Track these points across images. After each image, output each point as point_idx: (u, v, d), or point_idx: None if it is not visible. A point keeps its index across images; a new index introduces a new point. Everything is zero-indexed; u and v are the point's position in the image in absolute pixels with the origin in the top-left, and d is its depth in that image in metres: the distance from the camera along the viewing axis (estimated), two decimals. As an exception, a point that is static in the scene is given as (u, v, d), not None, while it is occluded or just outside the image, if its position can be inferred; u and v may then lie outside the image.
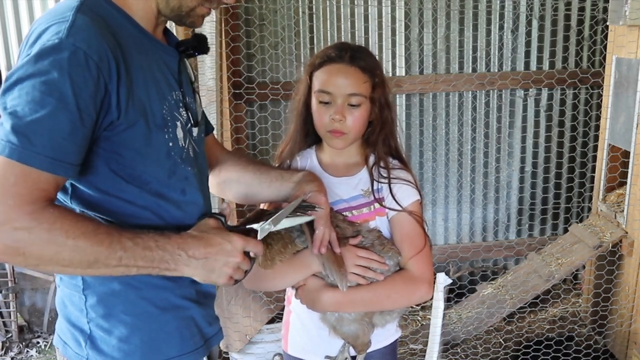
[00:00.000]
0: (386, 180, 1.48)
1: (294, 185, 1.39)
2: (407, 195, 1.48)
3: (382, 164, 1.50)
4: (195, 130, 1.25)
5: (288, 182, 1.41)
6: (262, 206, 1.55)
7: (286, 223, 1.24)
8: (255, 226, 1.19)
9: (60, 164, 0.98)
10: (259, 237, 1.19)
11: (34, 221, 0.94)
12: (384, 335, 1.57)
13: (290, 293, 1.61)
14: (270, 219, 1.20)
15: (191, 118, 1.23)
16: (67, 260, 0.98)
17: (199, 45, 1.27)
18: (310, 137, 1.56)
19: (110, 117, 1.04)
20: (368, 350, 1.53)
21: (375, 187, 1.49)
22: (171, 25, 1.29)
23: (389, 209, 1.47)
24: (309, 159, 1.57)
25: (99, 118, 1.02)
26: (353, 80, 1.41)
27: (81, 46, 0.98)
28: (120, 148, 1.07)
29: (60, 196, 1.10)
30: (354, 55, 1.43)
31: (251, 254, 1.17)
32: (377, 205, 1.48)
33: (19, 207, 0.94)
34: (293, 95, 1.56)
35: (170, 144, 1.14)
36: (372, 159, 1.51)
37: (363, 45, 1.52)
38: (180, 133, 1.17)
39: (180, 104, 1.20)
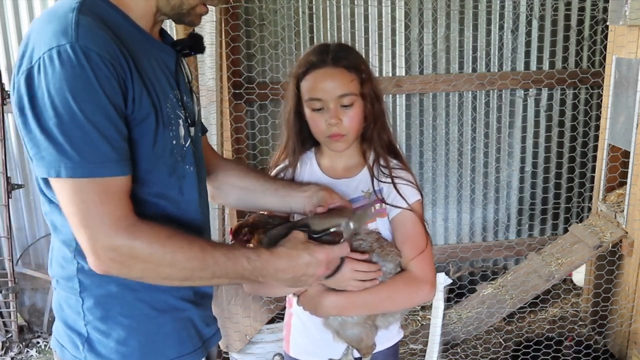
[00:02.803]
0: (387, 180, 1.48)
1: (306, 196, 1.41)
2: (408, 195, 1.47)
3: (382, 162, 1.49)
4: (192, 130, 1.25)
5: (297, 192, 1.42)
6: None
7: (326, 224, 1.27)
8: (338, 229, 1.24)
9: (126, 162, 1.02)
10: (345, 237, 1.24)
11: (132, 237, 1.00)
12: (387, 336, 1.57)
13: (291, 295, 1.60)
14: (352, 220, 1.25)
15: (189, 117, 1.23)
16: (167, 273, 1.04)
17: (195, 44, 1.28)
18: (307, 143, 1.55)
19: (128, 112, 1.05)
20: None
21: (376, 188, 1.48)
22: (166, 25, 1.29)
23: (393, 206, 1.46)
24: (308, 163, 1.56)
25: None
26: (340, 82, 1.40)
27: (93, 47, 0.98)
28: (132, 146, 1.07)
29: None
30: (336, 56, 1.41)
31: None
32: (377, 206, 1.48)
33: (115, 225, 0.99)
34: (282, 106, 1.55)
35: (174, 142, 1.15)
36: (371, 156, 1.51)
37: (342, 42, 1.51)
38: (182, 131, 1.18)
39: (180, 103, 1.20)
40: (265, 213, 1.51)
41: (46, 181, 1.06)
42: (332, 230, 1.23)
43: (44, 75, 0.96)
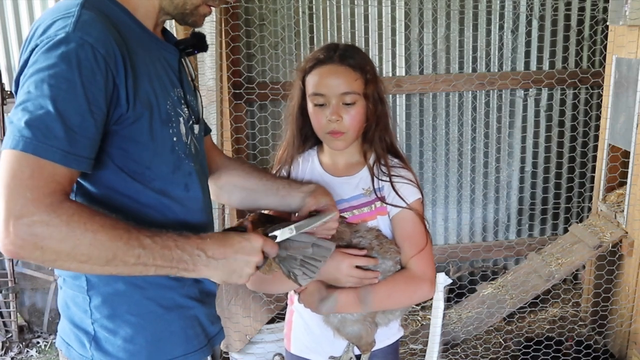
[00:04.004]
0: (387, 179, 1.48)
1: (304, 196, 1.39)
2: (408, 193, 1.48)
3: (382, 162, 1.50)
4: (196, 128, 1.26)
5: (297, 191, 1.41)
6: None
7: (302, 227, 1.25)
8: (276, 232, 1.19)
9: (74, 157, 0.98)
10: (279, 239, 1.19)
11: (52, 214, 0.93)
12: (387, 334, 1.57)
13: (292, 292, 1.61)
14: (294, 225, 1.21)
15: (192, 115, 1.24)
16: (86, 256, 0.96)
17: (198, 43, 1.28)
18: (309, 140, 1.56)
19: (120, 111, 1.04)
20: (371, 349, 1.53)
21: (376, 186, 1.49)
22: (166, 25, 1.30)
23: (392, 205, 1.47)
24: (310, 161, 1.57)
25: (109, 112, 1.03)
26: (345, 79, 1.41)
27: (88, 39, 0.99)
28: (127, 143, 1.08)
29: None
30: (343, 55, 1.43)
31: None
32: (378, 204, 1.48)
33: (37, 199, 0.93)
34: (287, 101, 1.56)
35: (175, 139, 1.15)
36: (372, 156, 1.51)
37: (351, 44, 1.52)
38: (183, 129, 1.18)
39: (182, 101, 1.21)
40: (265, 212, 1.52)
41: None
42: (268, 232, 1.20)
43: (35, 59, 0.98)
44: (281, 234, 1.19)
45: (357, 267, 1.40)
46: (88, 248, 0.95)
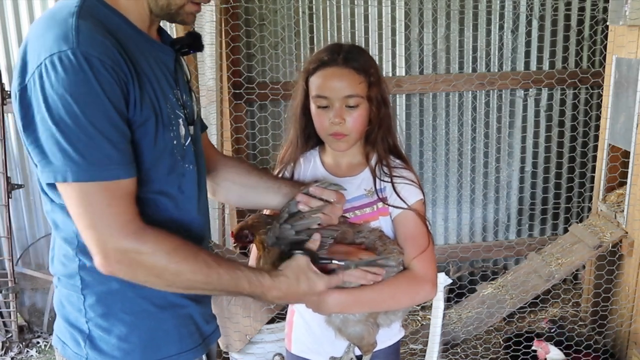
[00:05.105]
0: (389, 179, 1.48)
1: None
2: (410, 194, 1.48)
3: (384, 163, 1.50)
4: (192, 129, 1.26)
5: (299, 189, 1.41)
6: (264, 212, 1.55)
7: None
8: (340, 263, 1.29)
9: (132, 165, 1.03)
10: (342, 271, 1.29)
11: (139, 242, 1.02)
12: (388, 335, 1.57)
13: None
14: (355, 262, 1.31)
15: (188, 116, 1.24)
16: (170, 281, 1.07)
17: (194, 42, 1.28)
18: (312, 139, 1.56)
19: (129, 115, 1.05)
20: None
21: (378, 187, 1.49)
22: (166, 25, 1.29)
23: (394, 206, 1.47)
24: (312, 161, 1.57)
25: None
26: (348, 82, 1.41)
27: (94, 53, 0.98)
28: (132, 147, 1.07)
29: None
30: (347, 57, 1.43)
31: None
32: (380, 205, 1.48)
33: (122, 228, 1.01)
34: (291, 101, 1.56)
35: (174, 142, 1.16)
36: (374, 158, 1.52)
37: (356, 44, 1.52)
38: (182, 130, 1.18)
39: (179, 103, 1.21)
40: (265, 212, 1.51)
41: (51, 185, 1.07)
42: (334, 262, 1.28)
43: (48, 82, 0.97)
44: (345, 266, 1.30)
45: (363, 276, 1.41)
46: (172, 277, 1.07)
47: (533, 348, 2.89)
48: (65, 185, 1.00)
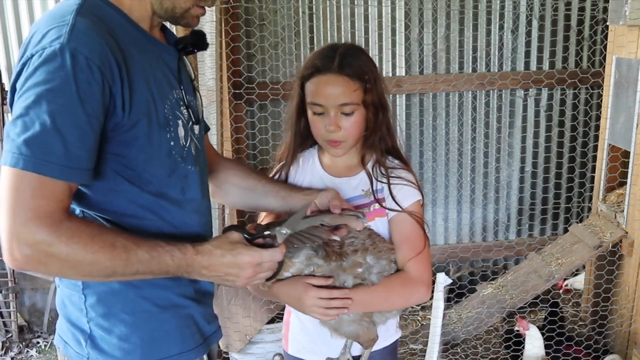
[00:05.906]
0: (386, 181, 1.48)
1: (309, 198, 1.39)
2: (407, 195, 1.47)
3: (381, 164, 1.50)
4: (196, 128, 1.26)
5: (300, 194, 1.42)
6: (263, 215, 1.56)
7: (304, 224, 1.24)
8: (272, 232, 1.20)
9: (74, 171, 0.99)
10: (279, 241, 1.20)
11: (52, 235, 0.97)
12: (385, 335, 1.57)
13: None
14: (285, 223, 1.21)
15: (192, 116, 1.23)
16: (87, 272, 1.02)
17: (198, 41, 1.27)
18: (309, 141, 1.56)
19: (116, 119, 1.04)
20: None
21: (375, 188, 1.48)
22: (166, 24, 1.29)
23: (389, 209, 1.47)
24: (310, 161, 1.57)
25: (105, 121, 1.03)
26: (343, 90, 1.39)
27: (83, 51, 0.98)
28: (123, 148, 1.08)
29: None
30: (342, 62, 1.39)
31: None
32: (376, 205, 1.48)
33: (38, 219, 0.96)
34: (288, 102, 1.56)
35: (172, 143, 1.15)
36: (371, 160, 1.51)
37: (352, 44, 1.49)
38: (181, 132, 1.18)
39: (181, 102, 1.20)
40: (260, 220, 1.51)
41: None
42: (266, 233, 1.21)
43: (27, 72, 0.98)
44: (279, 235, 1.21)
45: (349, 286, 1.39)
46: (89, 267, 1.01)
47: (515, 328, 2.95)
48: (5, 168, 0.97)
